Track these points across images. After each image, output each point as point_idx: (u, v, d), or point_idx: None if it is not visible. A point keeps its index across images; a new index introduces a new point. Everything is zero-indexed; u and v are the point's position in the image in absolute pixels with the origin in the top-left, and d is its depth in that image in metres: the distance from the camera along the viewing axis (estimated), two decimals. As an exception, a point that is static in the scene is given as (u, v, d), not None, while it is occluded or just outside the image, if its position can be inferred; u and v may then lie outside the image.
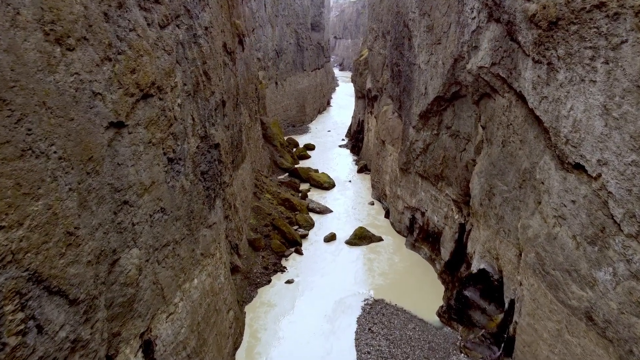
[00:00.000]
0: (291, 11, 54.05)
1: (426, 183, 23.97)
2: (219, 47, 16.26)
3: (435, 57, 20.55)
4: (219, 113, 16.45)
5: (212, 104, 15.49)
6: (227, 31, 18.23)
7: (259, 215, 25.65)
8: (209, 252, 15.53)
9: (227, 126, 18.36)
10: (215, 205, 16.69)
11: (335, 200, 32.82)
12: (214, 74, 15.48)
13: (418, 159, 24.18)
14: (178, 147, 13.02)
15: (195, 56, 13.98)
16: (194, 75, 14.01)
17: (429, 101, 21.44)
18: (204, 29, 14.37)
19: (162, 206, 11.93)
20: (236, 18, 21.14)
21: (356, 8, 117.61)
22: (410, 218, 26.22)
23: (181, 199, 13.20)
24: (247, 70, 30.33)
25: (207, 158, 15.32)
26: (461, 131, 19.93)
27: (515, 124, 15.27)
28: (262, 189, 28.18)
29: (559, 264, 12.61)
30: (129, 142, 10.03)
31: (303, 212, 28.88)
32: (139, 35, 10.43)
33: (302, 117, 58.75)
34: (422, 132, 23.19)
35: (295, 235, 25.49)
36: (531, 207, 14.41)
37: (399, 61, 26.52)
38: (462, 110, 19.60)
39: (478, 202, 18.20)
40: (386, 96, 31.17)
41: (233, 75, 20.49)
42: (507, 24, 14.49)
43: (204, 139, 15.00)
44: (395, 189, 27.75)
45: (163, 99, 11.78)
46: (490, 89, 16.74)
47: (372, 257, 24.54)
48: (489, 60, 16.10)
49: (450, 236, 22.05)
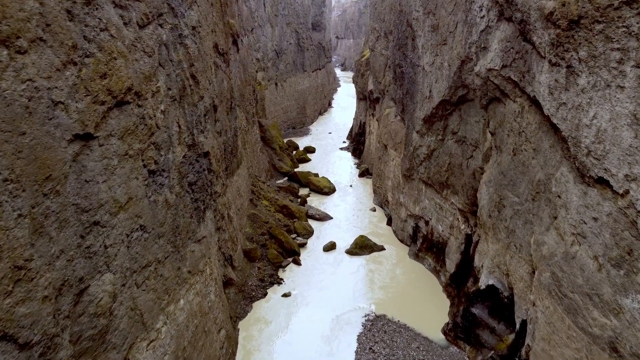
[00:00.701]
0: (291, 10, 52.93)
1: (430, 190, 22.84)
2: (209, 48, 15.17)
3: (441, 59, 19.41)
4: (209, 119, 15.36)
5: (201, 109, 14.40)
6: (219, 31, 17.13)
7: (255, 223, 24.55)
8: (198, 268, 14.44)
9: (219, 132, 17.27)
10: (206, 218, 15.61)
11: (336, 207, 31.69)
12: (203, 77, 14.39)
13: (422, 165, 23.04)
14: (161, 158, 11.94)
15: (181, 58, 12.89)
16: (179, 78, 12.93)
17: (434, 105, 20.31)
18: (190, 28, 13.27)
19: (141, 224, 10.85)
20: (230, 17, 20.04)
21: (358, 7, 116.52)
22: (413, 226, 25.09)
23: (165, 214, 12.11)
24: (244, 71, 29.25)
25: (195, 168, 14.24)
26: (468, 137, 18.79)
27: (528, 131, 14.13)
28: (259, 195, 27.07)
29: (578, 286, 11.47)
30: (99, 156, 8.94)
31: (302, 220, 27.77)
32: (113, 35, 9.33)
33: (302, 118, 57.64)
34: (426, 137, 22.05)
35: (293, 245, 24.38)
36: (546, 222, 13.27)
37: (402, 62, 25.39)
38: (469, 115, 18.46)
39: (486, 214, 17.07)
40: (388, 98, 30.03)
41: (226, 78, 19.40)
42: (519, 23, 13.35)
43: (192, 147, 13.92)
44: (398, 195, 26.61)
45: (142, 105, 10.69)
46: (500, 93, 15.60)
47: (374, 267, 23.41)
48: (499, 62, 14.97)
49: (456, 247, 20.91)
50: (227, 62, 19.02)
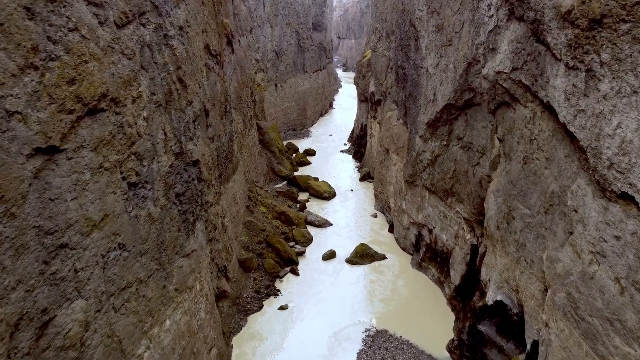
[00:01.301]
0: (291, 10, 51.96)
1: (434, 198, 21.87)
2: (199, 49, 14.23)
3: (446, 60, 18.44)
4: (199, 124, 14.42)
5: (190, 114, 13.46)
6: (212, 31, 16.20)
7: (251, 231, 23.61)
8: (186, 285, 13.50)
9: (211, 138, 16.34)
10: (196, 230, 14.68)
11: (336, 212, 30.72)
12: (191, 80, 13.45)
13: (425, 172, 22.07)
14: (144, 169, 11.01)
15: (166, 60, 11.95)
16: (165, 82, 11.99)
17: (438, 109, 19.33)
18: (177, 28, 12.34)
19: (120, 242, 9.92)
20: (224, 17, 19.10)
21: (360, 8, 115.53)
22: (416, 235, 24.12)
23: (148, 230, 11.18)
24: (241, 72, 28.32)
25: (183, 178, 13.30)
26: (474, 143, 17.81)
27: (540, 138, 13.16)
28: (256, 201, 26.13)
29: (598, 310, 10.50)
30: (67, 171, 8.01)
31: (300, 226, 26.81)
32: (84, 36, 8.40)
33: (303, 120, 56.67)
34: (430, 143, 21.08)
35: (291, 253, 23.44)
36: (560, 238, 12.30)
37: (405, 64, 24.42)
38: (475, 120, 17.48)
39: (494, 225, 16.09)
40: (390, 101, 29.07)
41: (220, 80, 18.46)
42: (532, 22, 12.38)
43: (180, 155, 12.98)
44: (400, 202, 25.64)
45: (120, 113, 9.76)
46: (509, 97, 14.63)
47: (375, 278, 22.45)
48: (509, 65, 13.99)
49: (461, 258, 19.93)
50: (220, 63, 18.09)
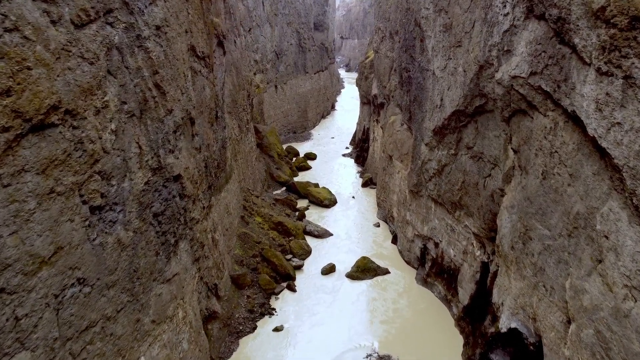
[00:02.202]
0: (292, 10, 50.52)
1: (441, 210, 20.40)
2: (181, 51, 12.84)
3: (454, 63, 16.98)
4: (182, 135, 13.02)
5: (170, 124, 12.06)
6: (198, 31, 14.80)
7: (246, 244, 22.21)
8: (166, 315, 12.11)
9: (197, 148, 14.94)
10: (179, 251, 13.29)
11: (337, 222, 29.28)
12: (172, 85, 12.05)
13: (431, 182, 20.61)
14: (112, 189, 9.62)
15: (140, 64, 10.55)
16: (139, 89, 10.60)
17: (446, 115, 17.88)
18: (153, 28, 10.94)
19: (79, 276, 8.54)
20: (214, 15, 17.70)
21: (363, 7, 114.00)
22: (421, 248, 22.66)
23: (117, 258, 9.79)
24: (237, 75, 26.92)
25: (162, 195, 11.91)
26: (485, 153, 16.35)
27: (562, 152, 11.69)
28: (252, 211, 24.73)
29: (635, 354, 9.05)
30: (2, 200, 6.62)
31: (299, 237, 25.40)
32: (27, 37, 7.01)
33: (303, 122, 55.24)
34: (437, 151, 19.62)
35: (288, 268, 22.01)
36: (587, 266, 10.84)
37: (409, 66, 22.96)
38: (487, 128, 16.02)
39: (508, 244, 14.63)
40: (394, 105, 27.60)
41: (210, 84, 17.07)
42: (555, 21, 10.91)
43: (158, 171, 11.59)
44: (404, 212, 24.18)
45: (79, 126, 8.36)
46: (526, 104, 13.18)
47: (377, 295, 21.00)
48: (527, 69, 12.54)
49: (470, 276, 18.47)
50: (209, 66, 16.69)
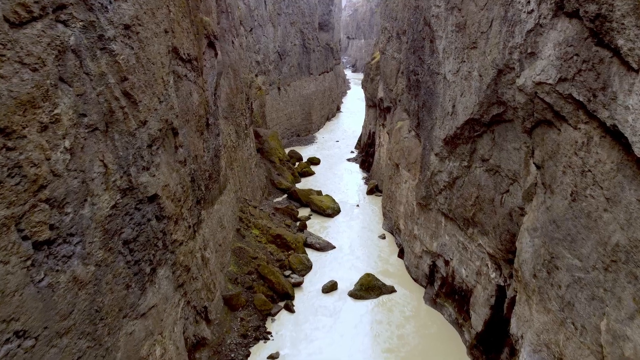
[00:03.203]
0: (296, 9, 48.95)
1: (452, 225, 18.74)
2: (159, 53, 11.30)
3: (469, 66, 15.33)
4: (159, 148, 11.49)
5: (143, 138, 10.53)
6: (182, 31, 13.27)
7: (241, 259, 20.68)
8: (139, 356, 10.58)
9: (182, 161, 13.40)
10: (157, 279, 11.77)
11: (340, 233, 27.65)
12: (145, 94, 10.52)
13: (441, 195, 18.95)
14: (65, 218, 8.10)
15: (104, 70, 9.02)
16: (103, 99, 9.07)
17: (459, 124, 16.22)
18: (121, 28, 9.40)
19: (19, 329, 7.05)
20: (204, 14, 16.17)
21: (370, 7, 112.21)
22: (430, 265, 21.00)
23: (72, 299, 8.28)
24: (234, 77, 25.41)
25: (134, 219, 10.38)
26: (503, 167, 14.68)
27: (597, 172, 10.03)
28: (249, 223, 23.19)
29: None
30: None
31: (299, 251, 23.83)
32: None
33: (308, 125, 53.65)
34: (448, 162, 17.96)
35: (286, 286, 20.44)
36: (629, 307, 9.18)
37: (418, 68, 21.31)
38: (505, 140, 14.35)
39: (530, 272, 12.97)
40: (401, 109, 25.96)
41: (198, 89, 15.55)
42: (593, 19, 9.26)
43: (129, 191, 10.06)
44: (412, 226, 22.53)
45: (16, 147, 6.85)
46: (553, 115, 11.52)
47: (382, 317, 19.37)
48: (555, 74, 10.88)
49: (484, 299, 16.81)
50: (197, 70, 15.16)
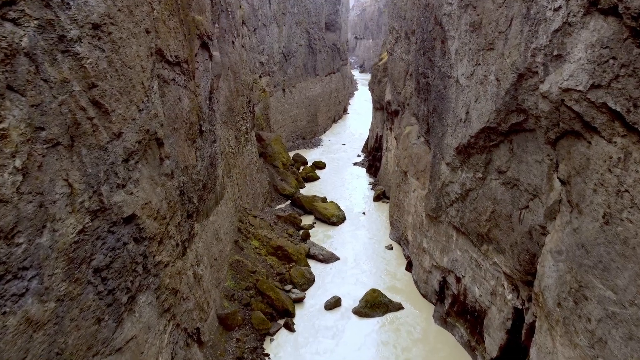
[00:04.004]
0: (302, 8, 47.70)
1: (464, 240, 17.40)
2: (138, 56, 10.11)
3: (484, 70, 13.99)
4: (139, 162, 10.30)
5: (118, 152, 9.33)
6: (169, 31, 12.07)
7: (239, 274, 19.47)
8: (112, 397, 9.38)
9: (168, 174, 12.21)
10: (137, 306, 10.59)
11: (344, 243, 26.35)
12: (120, 102, 9.32)
13: (453, 207, 17.61)
14: (16, 250, 6.94)
15: (67, 76, 7.83)
16: (66, 109, 7.89)
17: (473, 132, 14.89)
18: (88, 27, 8.21)
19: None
20: (197, 13, 14.97)
21: (378, 6, 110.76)
22: (440, 281, 19.66)
23: (25, 344, 7.10)
24: (234, 79, 24.23)
25: (107, 244, 9.19)
26: (522, 180, 13.33)
27: (637, 192, 8.68)
28: (248, 234, 21.99)
29: None
30: None
31: (301, 263, 22.58)
32: None
33: (313, 127, 52.40)
34: (461, 173, 16.62)
35: (286, 302, 19.19)
36: (678, 355, 7.83)
37: (428, 71, 19.98)
38: (525, 151, 13.00)
39: (554, 299, 11.61)
40: (409, 114, 24.62)
41: (189, 94, 14.36)
42: (636, 17, 7.92)
43: (100, 213, 8.87)
44: (421, 239, 21.19)
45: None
46: (582, 125, 10.17)
47: (389, 338, 18.06)
48: (586, 80, 9.54)
49: (500, 322, 15.47)
50: (188, 73, 13.97)
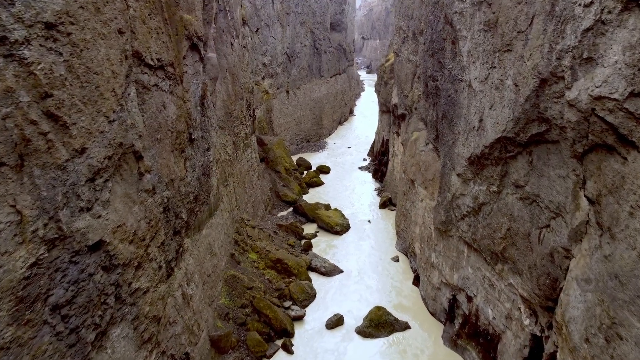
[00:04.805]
0: (306, 8, 46.43)
1: (476, 257, 16.07)
2: (108, 60, 8.91)
3: (501, 73, 12.65)
4: (111, 180, 9.10)
5: (81, 170, 8.14)
6: (150, 32, 10.87)
7: (234, 290, 18.25)
8: None
9: (149, 190, 11.01)
10: (109, 342, 9.40)
11: (348, 254, 25.04)
12: (84, 113, 8.14)
13: (464, 221, 16.28)
14: (-58, 296, 5.73)
15: (11, 85, 6.65)
16: (12, 123, 6.71)
17: (487, 142, 13.56)
18: (40, 27, 7.03)
19: None
20: (186, 12, 13.77)
21: (385, 6, 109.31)
22: (449, 299, 18.32)
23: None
24: (232, 83, 23.05)
25: (69, 276, 8.00)
26: (543, 197, 11.98)
27: (688, 221, 7.34)
28: (245, 246, 20.78)
29: None
30: None
31: (301, 277, 21.32)
32: None
33: (318, 130, 51.13)
34: (473, 185, 15.29)
35: (284, 322, 17.95)
36: None
37: (437, 74, 18.65)
38: (546, 164, 11.65)
39: (580, 334, 10.25)
40: (417, 118, 23.29)
41: (177, 100, 13.17)
42: (691, 12, 6.59)
43: (59, 241, 7.68)
44: (429, 253, 19.86)
45: None
46: (616, 138, 8.83)
47: (394, 361, 16.78)
48: (624, 87, 8.21)
49: (516, 350, 14.12)
50: (175, 77, 12.77)
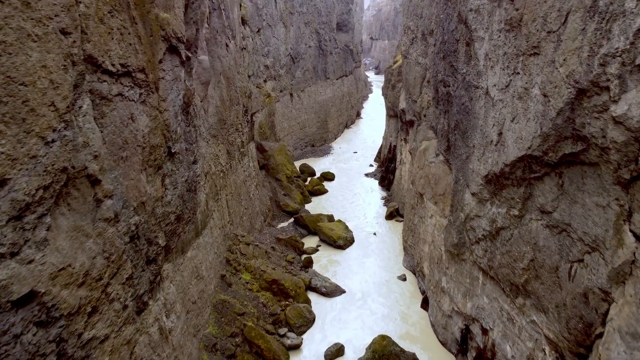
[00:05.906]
0: (311, 7, 44.72)
1: (493, 286, 14.23)
2: (43, 67, 7.27)
3: (525, 81, 10.82)
4: (49, 215, 7.46)
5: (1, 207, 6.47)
6: (110, 32, 9.22)
7: (223, 317, 16.57)
8: None
9: (109, 219, 9.35)
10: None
11: (351, 272, 23.23)
12: (5, 134, 6.48)
13: (479, 245, 14.45)
14: None
15: None
16: None
17: (508, 160, 11.72)
18: None
19: None
20: (162, 9, 12.10)
21: (394, 6, 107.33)
22: (462, 329, 16.49)
23: None
24: (227, 87, 21.39)
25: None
26: (575, 227, 10.13)
27: None
28: (238, 266, 19.10)
29: None
30: None
31: (299, 299, 19.59)
32: None
33: (323, 134, 49.38)
34: (490, 206, 13.46)
35: (278, 353, 16.22)
36: None
37: (449, 78, 16.83)
38: (581, 189, 9.81)
39: (626, 400, 8.39)
40: (426, 126, 21.47)
41: (152, 111, 11.51)
42: None
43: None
44: (439, 276, 18.03)
45: None
46: (679, 165, 7.00)
47: (399, 400, 14.98)
48: (694, 102, 6.38)
49: (539, 397, 12.25)
50: (148, 85, 11.11)
